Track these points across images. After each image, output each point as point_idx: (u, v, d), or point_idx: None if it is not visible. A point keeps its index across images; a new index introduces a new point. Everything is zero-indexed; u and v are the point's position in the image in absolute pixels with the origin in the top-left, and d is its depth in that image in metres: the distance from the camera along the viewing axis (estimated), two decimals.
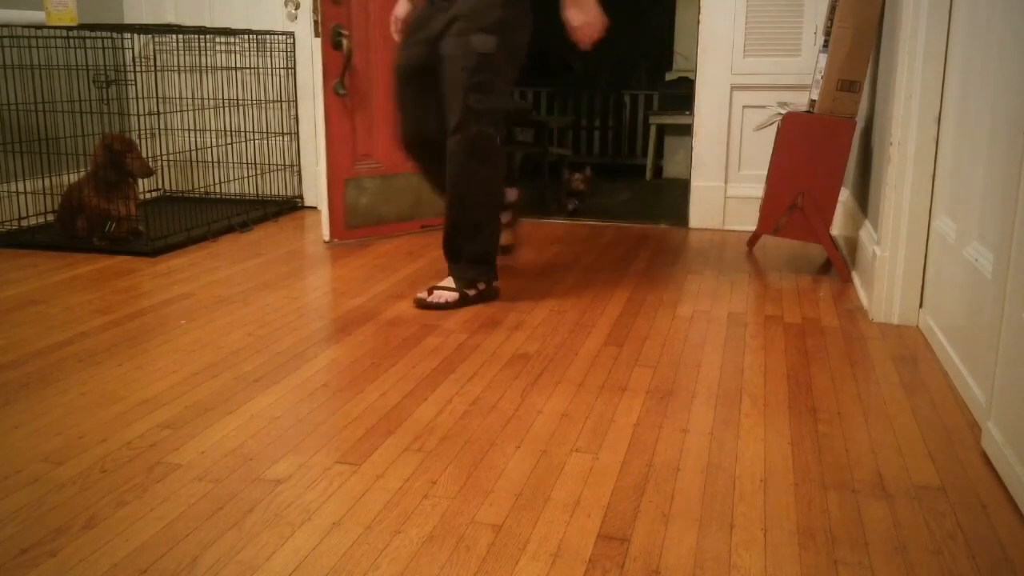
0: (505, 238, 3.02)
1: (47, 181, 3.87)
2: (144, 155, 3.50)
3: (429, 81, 2.67)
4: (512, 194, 3.02)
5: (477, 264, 2.75)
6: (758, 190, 3.90)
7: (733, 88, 3.93)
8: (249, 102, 4.33)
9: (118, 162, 3.40)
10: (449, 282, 2.76)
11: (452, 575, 1.32)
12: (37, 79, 3.86)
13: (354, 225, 3.64)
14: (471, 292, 2.74)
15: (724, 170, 4.01)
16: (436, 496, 1.56)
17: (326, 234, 3.59)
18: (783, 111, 3.30)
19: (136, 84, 4.27)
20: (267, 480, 1.61)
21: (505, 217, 2.98)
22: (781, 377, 2.16)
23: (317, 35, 3.42)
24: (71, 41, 3.92)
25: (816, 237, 3.19)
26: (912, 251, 2.55)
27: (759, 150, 3.94)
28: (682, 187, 4.62)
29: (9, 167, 3.76)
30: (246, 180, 4.42)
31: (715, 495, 1.57)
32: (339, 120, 3.53)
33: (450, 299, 2.71)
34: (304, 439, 1.79)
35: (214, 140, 4.35)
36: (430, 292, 2.73)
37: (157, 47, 4.37)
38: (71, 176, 3.81)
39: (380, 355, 2.29)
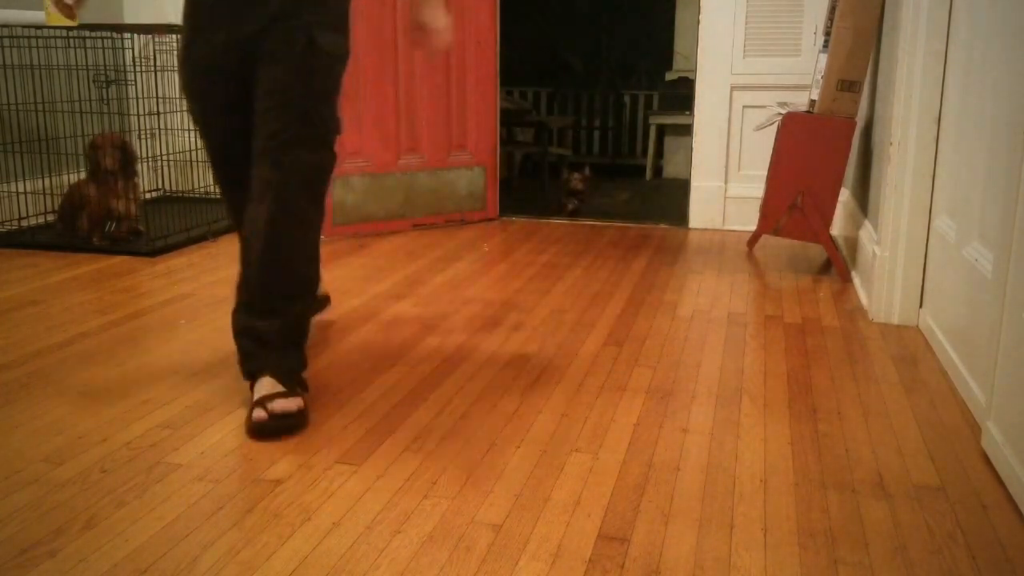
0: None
1: (47, 181, 3.87)
2: (143, 155, 3.50)
3: (236, 90, 1.95)
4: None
5: (298, 345, 1.97)
6: (758, 190, 3.90)
7: (733, 88, 3.93)
8: None
9: (96, 159, 3.41)
10: (271, 385, 1.86)
11: (452, 575, 1.32)
12: (37, 79, 3.86)
13: (340, 222, 3.64)
14: (300, 386, 1.94)
15: (724, 170, 4.01)
16: (436, 496, 1.56)
17: None
18: (783, 111, 3.30)
19: (136, 84, 4.27)
20: (267, 480, 1.61)
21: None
22: (781, 377, 2.16)
23: None
24: (71, 41, 3.92)
25: (816, 237, 3.19)
26: (912, 251, 2.55)
27: (759, 150, 3.94)
28: (682, 187, 4.62)
29: (9, 167, 3.76)
30: None
31: (715, 495, 1.57)
32: None
33: (296, 407, 1.83)
34: (304, 439, 1.79)
35: None
36: (264, 407, 1.82)
37: (157, 47, 4.36)
38: (71, 176, 3.80)
39: (380, 355, 2.29)
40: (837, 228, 3.69)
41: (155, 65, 4.34)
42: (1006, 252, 1.69)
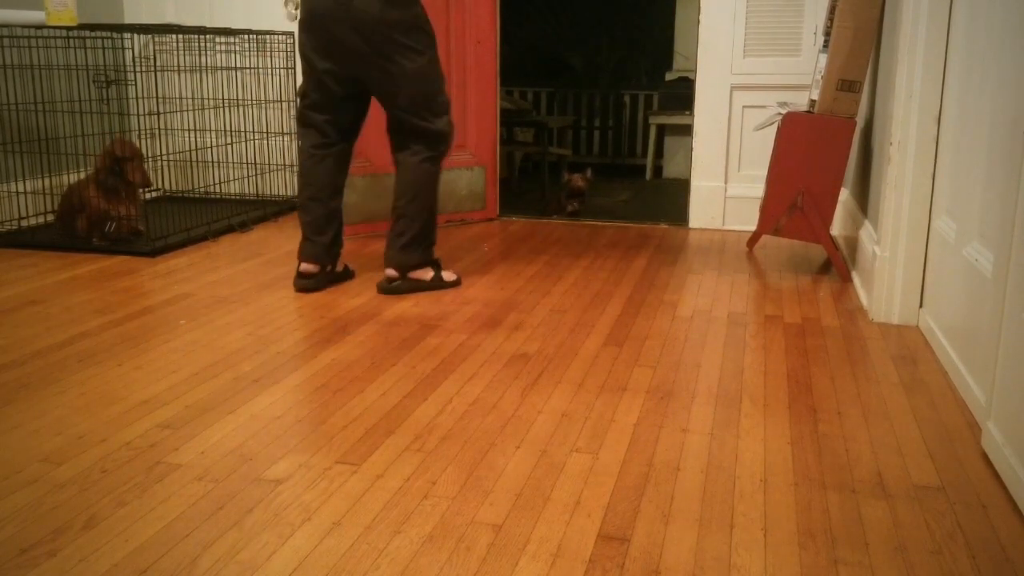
0: None
1: (47, 181, 3.87)
2: (144, 155, 3.49)
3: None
4: None
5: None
6: (758, 190, 3.90)
7: (733, 88, 3.93)
8: (249, 102, 4.33)
9: (120, 169, 3.40)
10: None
11: (452, 575, 1.32)
12: (37, 79, 3.86)
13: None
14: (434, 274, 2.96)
15: (724, 170, 4.01)
16: (436, 496, 1.56)
17: None
18: (783, 111, 3.30)
19: (136, 84, 4.27)
20: (267, 480, 1.61)
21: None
22: (781, 377, 2.16)
23: None
24: (71, 41, 3.92)
25: (816, 237, 3.19)
26: (912, 251, 2.55)
27: (759, 150, 3.94)
28: (682, 187, 4.62)
29: (9, 167, 3.76)
30: (246, 180, 4.41)
31: (715, 495, 1.57)
32: None
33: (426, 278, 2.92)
34: (304, 439, 1.79)
35: (214, 140, 4.35)
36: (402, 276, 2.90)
37: (157, 47, 4.36)
38: (71, 176, 3.81)
39: (380, 355, 2.29)
40: (837, 228, 3.69)
41: (155, 65, 4.35)
42: (1006, 252, 1.69)
